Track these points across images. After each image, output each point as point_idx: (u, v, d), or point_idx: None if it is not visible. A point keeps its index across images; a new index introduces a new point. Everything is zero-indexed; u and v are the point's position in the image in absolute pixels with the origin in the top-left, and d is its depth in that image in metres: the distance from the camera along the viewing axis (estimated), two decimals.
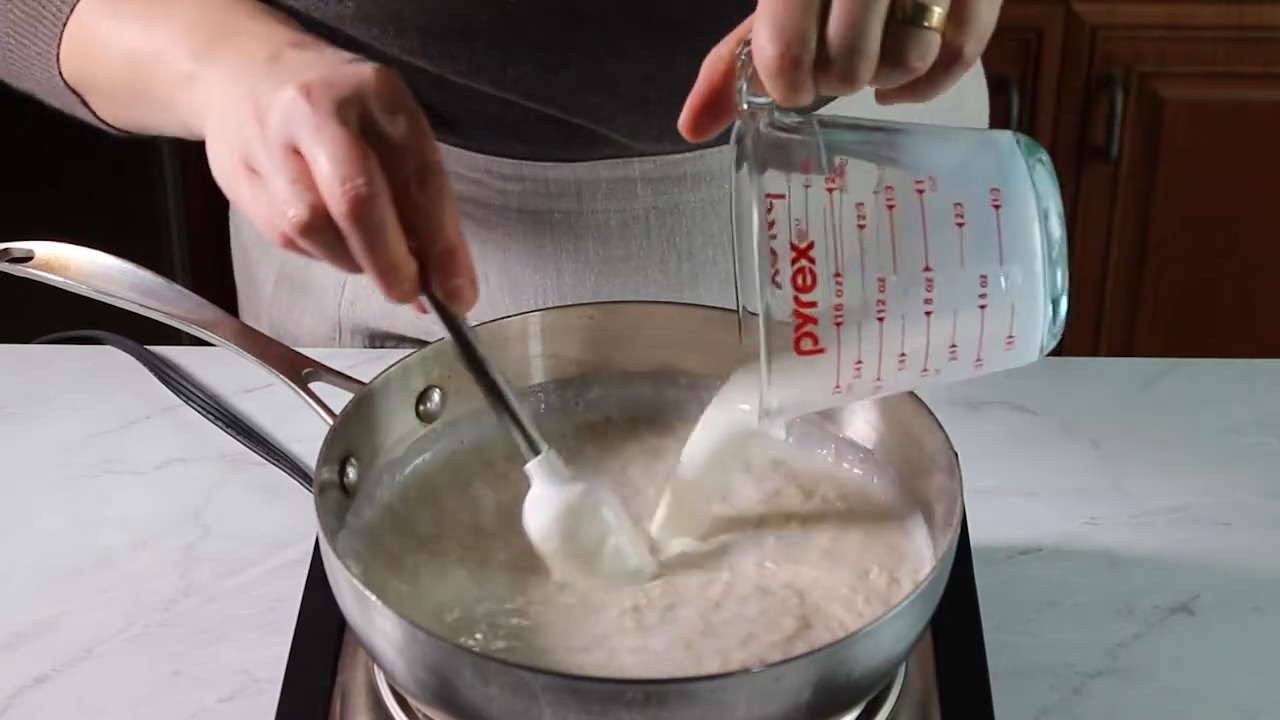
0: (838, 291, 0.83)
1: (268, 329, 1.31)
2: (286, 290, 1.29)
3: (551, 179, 1.17)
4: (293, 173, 0.89)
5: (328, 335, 1.27)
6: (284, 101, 0.90)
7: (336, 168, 0.87)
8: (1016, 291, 0.86)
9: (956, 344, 0.85)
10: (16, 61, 1.13)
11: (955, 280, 0.85)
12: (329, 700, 0.95)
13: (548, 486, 0.92)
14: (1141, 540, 1.09)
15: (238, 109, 0.93)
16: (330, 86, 0.90)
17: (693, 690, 0.83)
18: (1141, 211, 2.18)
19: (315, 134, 0.89)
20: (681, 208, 1.17)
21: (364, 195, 0.87)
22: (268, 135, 0.90)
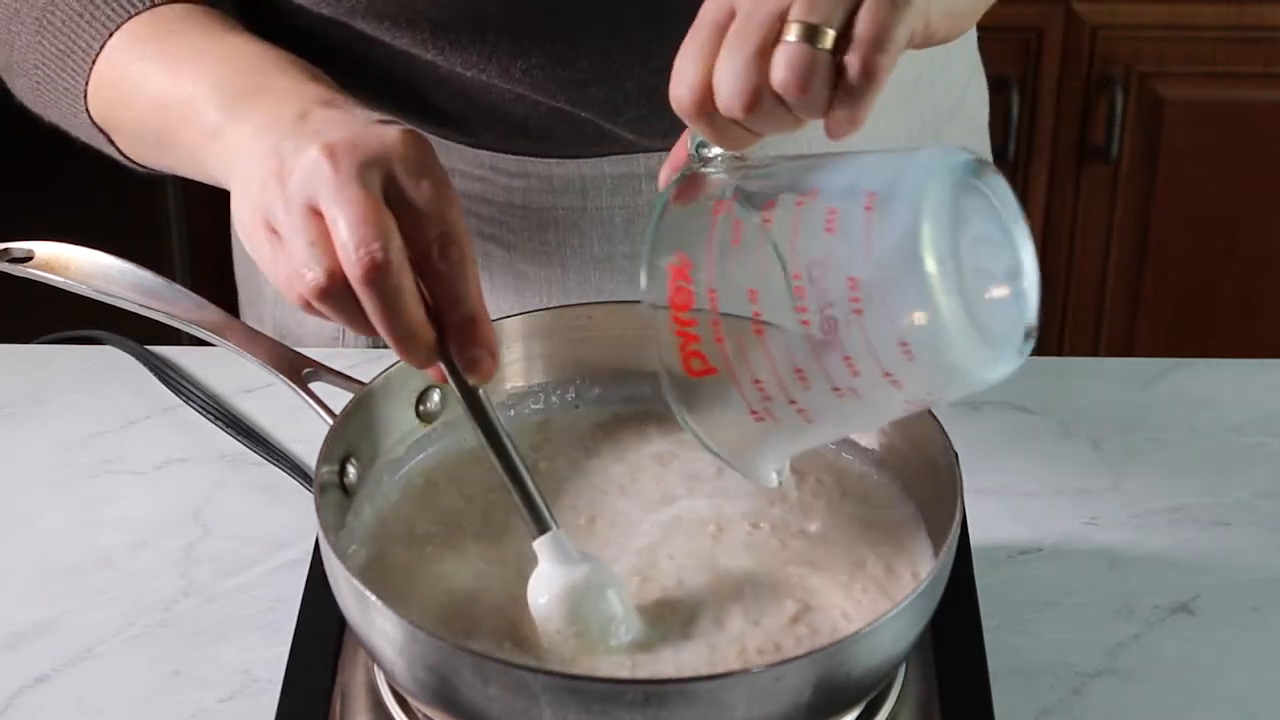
0: (712, 305, 0.82)
1: (271, 329, 1.31)
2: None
3: (556, 176, 1.17)
4: (312, 235, 0.88)
5: (332, 335, 1.27)
6: (307, 162, 0.89)
7: (354, 232, 0.86)
8: (898, 297, 0.80)
9: (849, 355, 0.81)
10: (45, 94, 1.12)
11: (826, 285, 0.81)
12: (329, 700, 0.95)
13: (554, 565, 0.91)
14: (1141, 540, 1.09)
15: (262, 167, 0.92)
16: (354, 149, 0.89)
17: (693, 690, 0.83)
18: (1141, 211, 2.18)
19: (335, 196, 0.87)
20: None
21: (380, 261, 0.86)
22: (289, 195, 0.89)
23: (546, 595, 0.90)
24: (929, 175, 0.80)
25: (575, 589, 0.90)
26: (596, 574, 0.90)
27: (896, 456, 0.99)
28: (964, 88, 1.30)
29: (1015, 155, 2.14)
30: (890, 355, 0.80)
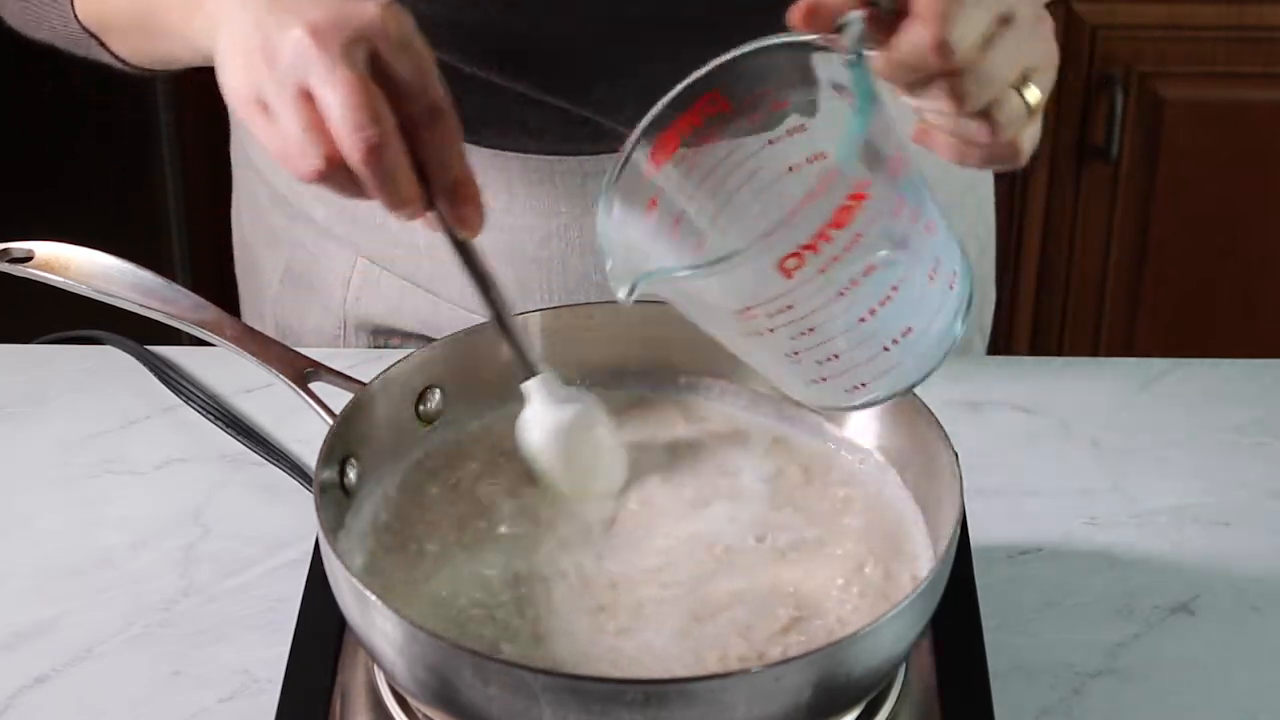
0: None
1: (272, 326, 1.31)
2: (291, 287, 1.29)
3: (558, 173, 1.17)
4: (305, 120, 0.90)
5: (333, 331, 1.27)
6: (293, 42, 0.91)
7: (349, 115, 0.89)
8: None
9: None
10: (32, 9, 1.14)
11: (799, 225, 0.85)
12: (329, 700, 0.95)
13: (544, 406, 0.95)
14: (1141, 540, 1.09)
15: (245, 40, 0.93)
16: (338, 27, 0.91)
17: (693, 690, 0.83)
18: (1141, 211, 2.17)
19: (326, 78, 0.90)
20: None
21: (377, 143, 0.89)
22: (278, 76, 0.91)
23: (538, 432, 0.95)
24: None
25: (565, 426, 0.94)
26: (586, 412, 0.95)
27: (896, 456, 0.99)
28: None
29: None
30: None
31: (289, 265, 1.29)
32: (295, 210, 1.27)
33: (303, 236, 1.27)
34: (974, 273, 1.34)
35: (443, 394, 1.01)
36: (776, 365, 0.90)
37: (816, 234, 0.83)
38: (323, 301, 1.27)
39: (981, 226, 1.35)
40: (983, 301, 1.37)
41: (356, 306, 1.26)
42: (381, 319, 1.26)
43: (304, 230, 1.27)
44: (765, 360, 0.90)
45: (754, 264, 0.83)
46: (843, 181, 0.83)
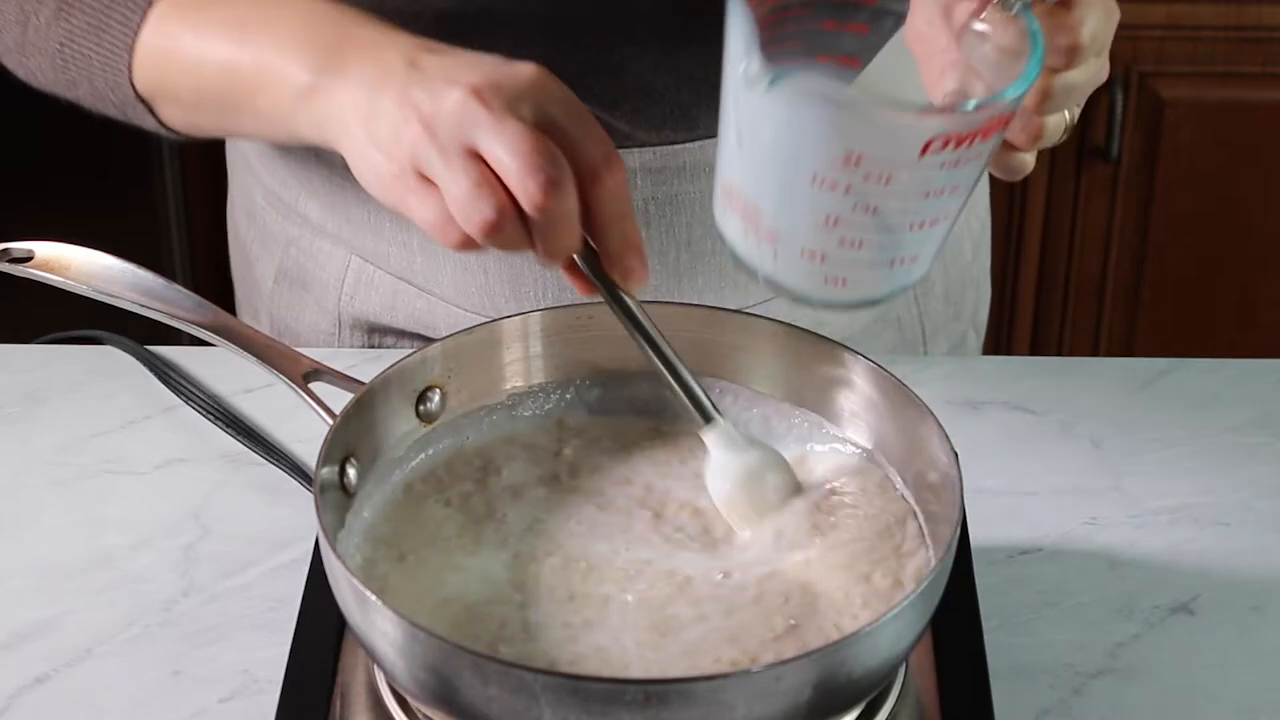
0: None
1: (268, 326, 1.31)
2: (286, 286, 1.29)
3: None
4: (476, 176, 0.90)
5: (329, 330, 1.27)
6: (453, 105, 0.90)
7: (525, 161, 0.89)
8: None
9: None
10: (72, 70, 1.12)
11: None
12: (329, 700, 0.95)
13: (726, 453, 0.96)
14: (1141, 540, 1.09)
15: (390, 117, 0.92)
16: (499, 87, 0.91)
17: (693, 690, 0.83)
18: (1141, 211, 2.17)
19: (495, 133, 0.89)
20: (680, 199, 1.17)
21: (557, 182, 0.89)
22: (441, 142, 0.90)
23: (729, 482, 0.96)
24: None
25: (752, 473, 0.96)
26: (767, 456, 0.96)
27: (896, 456, 0.99)
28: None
29: None
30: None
31: (283, 265, 1.29)
32: (289, 209, 1.27)
33: (297, 235, 1.27)
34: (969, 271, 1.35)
35: (443, 394, 1.01)
36: (797, 221, 0.87)
37: (972, 132, 0.84)
38: (318, 300, 1.27)
39: (976, 223, 1.35)
40: (978, 299, 1.37)
41: (351, 305, 1.26)
42: (376, 317, 1.26)
43: (298, 229, 1.27)
44: (789, 211, 0.88)
45: (909, 124, 0.83)
46: (1003, 104, 0.84)
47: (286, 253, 1.28)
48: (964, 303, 1.35)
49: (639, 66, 1.13)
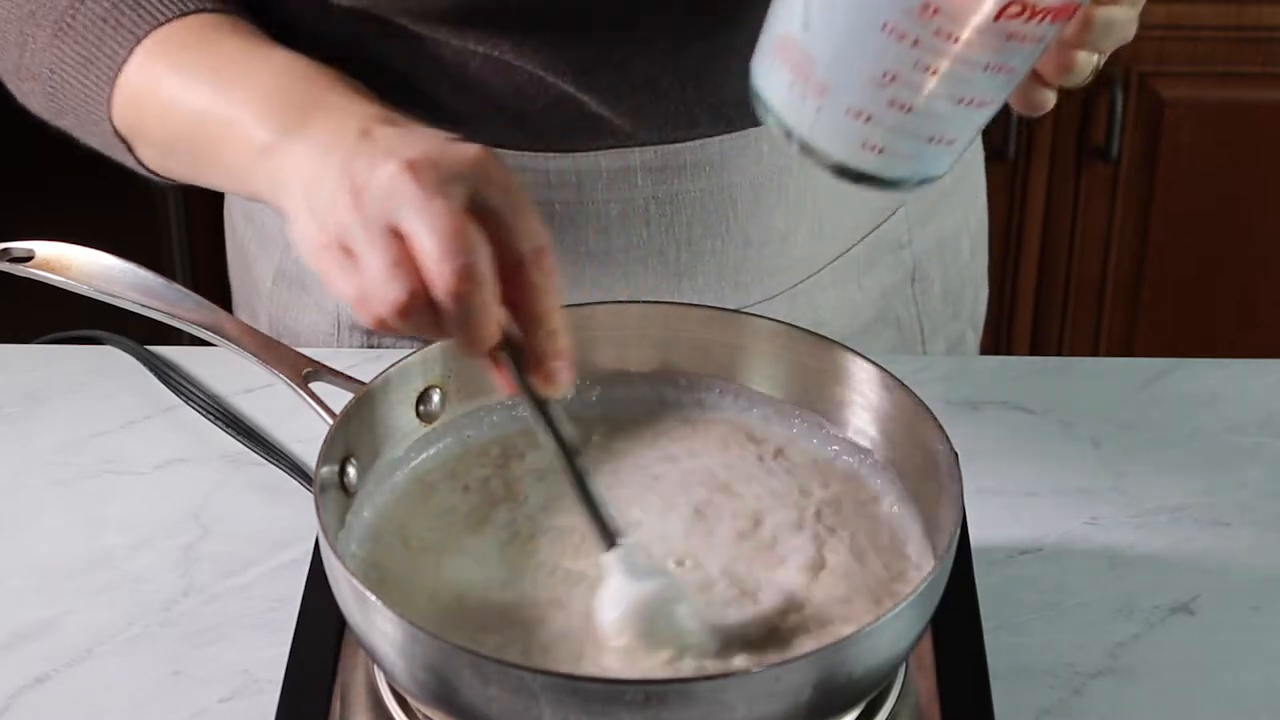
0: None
1: (266, 326, 1.31)
2: (285, 288, 1.29)
3: (552, 170, 1.17)
4: (393, 255, 0.87)
5: (327, 331, 1.27)
6: (385, 179, 0.88)
7: (443, 245, 0.85)
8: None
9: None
10: (60, 100, 1.11)
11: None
12: (329, 700, 0.95)
13: (625, 579, 0.89)
14: (1141, 540, 1.09)
15: (329, 185, 0.90)
16: (435, 165, 0.88)
17: (693, 690, 0.83)
18: (1141, 211, 2.18)
19: (420, 212, 0.86)
20: (681, 197, 1.17)
21: (471, 273, 0.85)
22: (367, 214, 0.88)
23: (619, 610, 0.89)
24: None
25: (648, 604, 0.89)
26: (669, 589, 0.90)
27: (896, 457, 0.99)
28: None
29: (1015, 155, 2.15)
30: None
31: (282, 265, 1.29)
32: None
33: None
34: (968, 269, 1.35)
35: (443, 394, 1.01)
36: (853, 73, 0.86)
37: (1046, 8, 0.84)
38: (317, 301, 1.27)
39: (974, 221, 1.35)
40: (976, 298, 1.37)
41: (350, 307, 1.26)
42: None
43: None
44: (848, 61, 0.86)
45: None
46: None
47: (286, 253, 1.28)
48: (962, 301, 1.35)
49: (644, 62, 1.13)
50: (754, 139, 1.16)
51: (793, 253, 1.21)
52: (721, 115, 1.15)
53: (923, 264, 1.30)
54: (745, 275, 1.20)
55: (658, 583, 0.89)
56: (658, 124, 1.15)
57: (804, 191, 1.19)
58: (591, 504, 0.90)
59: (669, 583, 0.90)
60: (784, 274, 1.21)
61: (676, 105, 1.14)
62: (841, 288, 1.25)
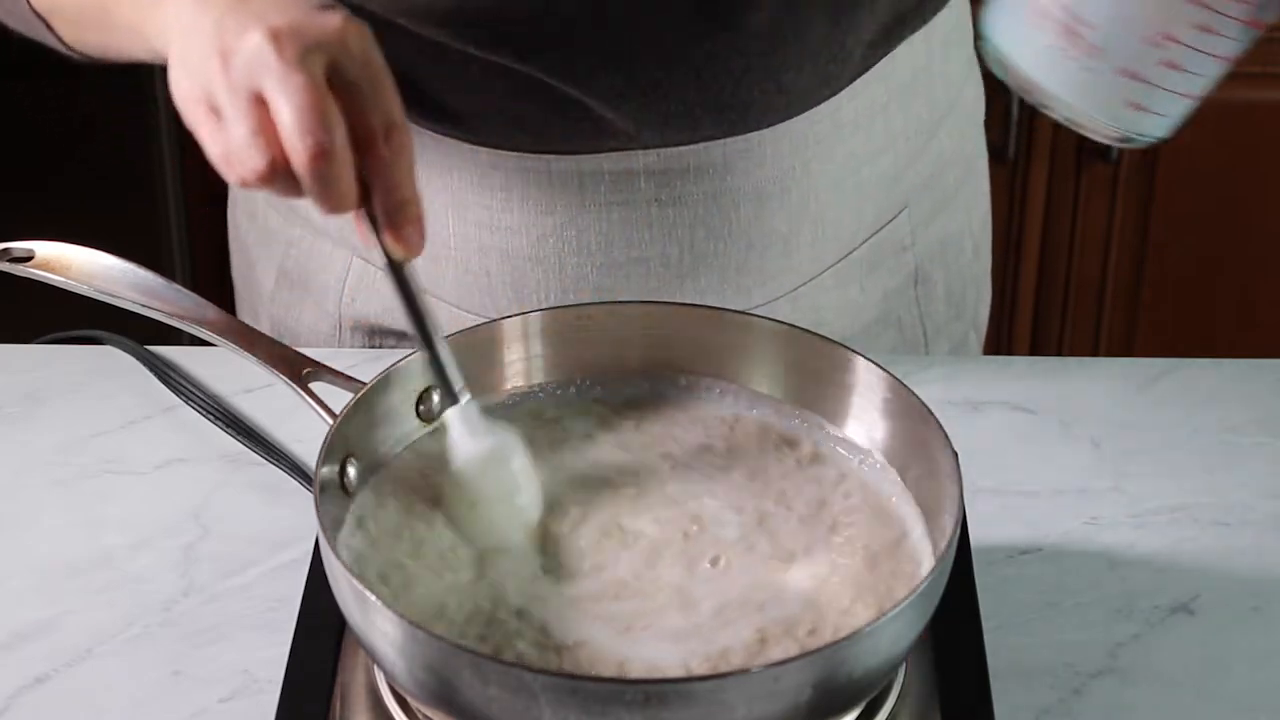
0: None
1: (268, 327, 1.31)
2: (287, 288, 1.29)
3: (555, 172, 1.17)
4: (255, 123, 0.91)
5: (329, 332, 1.27)
6: (250, 47, 0.91)
7: (300, 120, 0.89)
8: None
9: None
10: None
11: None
12: (329, 700, 0.95)
13: (462, 436, 0.95)
14: (1141, 540, 1.09)
15: (201, 43, 0.93)
16: (298, 34, 0.91)
17: (692, 690, 0.83)
18: (1141, 212, 2.18)
19: (280, 83, 0.90)
20: (684, 200, 1.17)
21: (326, 149, 0.90)
22: (232, 79, 0.92)
23: (456, 463, 0.95)
24: None
25: (479, 459, 0.94)
26: (502, 447, 0.95)
27: (896, 457, 0.99)
28: (960, 86, 1.30)
29: (1015, 155, 2.15)
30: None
31: (284, 265, 1.29)
32: (290, 210, 1.27)
33: (298, 237, 1.27)
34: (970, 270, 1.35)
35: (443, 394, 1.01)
36: (1131, 36, 0.89)
37: None
38: (318, 301, 1.27)
39: (977, 223, 1.35)
40: (978, 299, 1.37)
41: (352, 307, 1.26)
42: (378, 319, 1.26)
43: (299, 230, 1.27)
44: (1128, 25, 0.89)
45: None
46: None
47: (287, 253, 1.28)
48: (965, 303, 1.35)
49: (648, 64, 1.13)
50: (756, 142, 1.17)
51: (795, 255, 1.21)
52: (724, 118, 1.15)
53: (925, 266, 1.30)
54: (747, 278, 1.20)
55: (493, 440, 0.95)
56: (659, 125, 1.15)
57: (806, 195, 1.19)
58: (438, 363, 0.95)
59: (503, 440, 0.95)
60: (786, 276, 1.21)
61: (679, 107, 1.14)
62: (843, 290, 1.25)
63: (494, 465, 0.95)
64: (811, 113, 1.17)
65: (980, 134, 1.36)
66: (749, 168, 1.17)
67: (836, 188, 1.20)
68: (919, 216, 1.28)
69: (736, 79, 1.14)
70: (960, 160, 1.31)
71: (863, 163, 1.21)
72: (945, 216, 1.31)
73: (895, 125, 1.23)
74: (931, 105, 1.26)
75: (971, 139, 1.34)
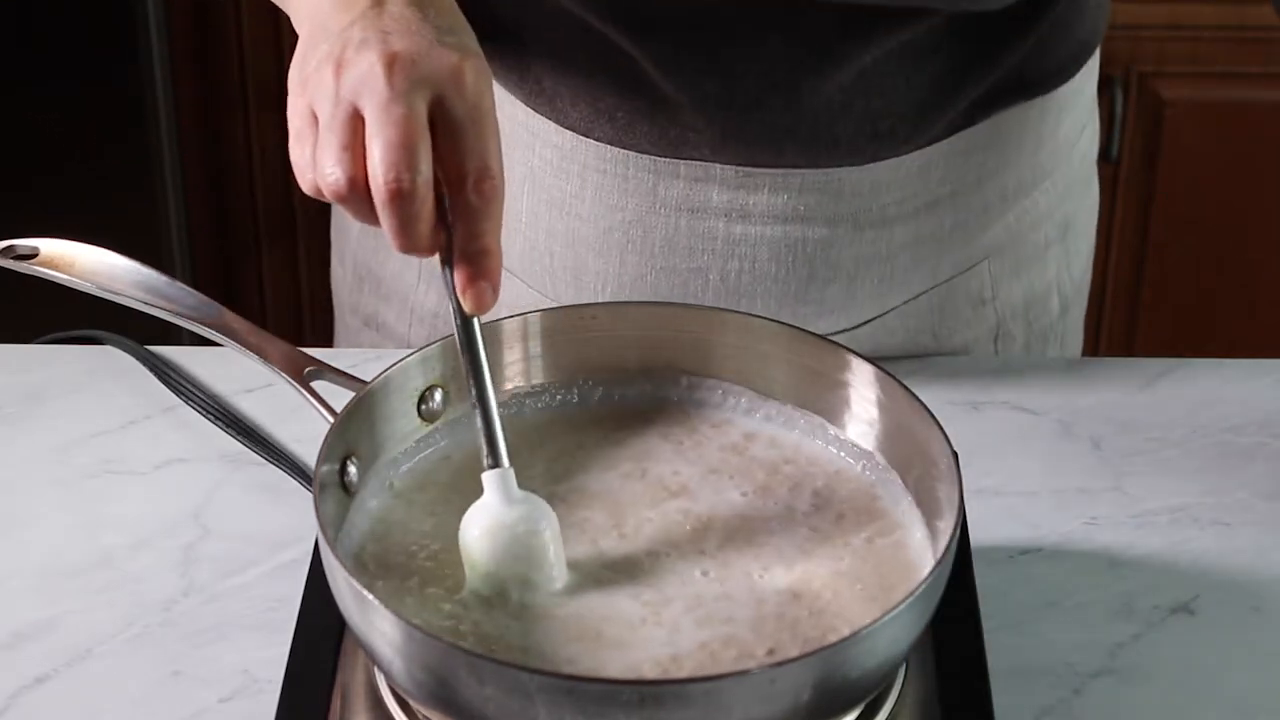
0: None
1: (351, 270, 1.31)
2: (372, 231, 1.29)
3: (632, 169, 1.16)
4: (345, 139, 0.90)
5: (412, 279, 1.27)
6: (364, 65, 0.90)
7: (388, 153, 0.89)
8: None
9: None
10: None
11: None
12: (329, 700, 0.95)
13: (496, 500, 0.93)
14: (1141, 540, 1.09)
15: (323, 46, 0.93)
16: (412, 65, 0.90)
17: (689, 691, 0.83)
18: (1142, 212, 2.17)
19: (381, 110, 0.89)
20: (753, 219, 1.16)
21: (405, 191, 0.89)
22: (339, 92, 0.91)
23: (478, 529, 0.92)
24: None
25: (507, 527, 0.92)
26: (534, 517, 0.93)
27: (896, 457, 0.99)
28: (1069, 150, 1.26)
29: None
30: None
31: None
32: None
33: None
34: (1053, 329, 1.28)
35: (444, 394, 1.01)
36: None
37: None
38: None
39: (1068, 279, 1.30)
40: (1060, 353, 1.32)
41: (432, 260, 1.25)
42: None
43: None
44: None
45: None
46: None
47: None
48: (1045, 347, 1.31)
49: (752, 80, 1.12)
50: (837, 179, 1.15)
51: (859, 294, 1.19)
52: (810, 150, 1.14)
53: (1006, 321, 1.27)
54: (806, 308, 1.18)
55: (524, 509, 0.93)
56: (746, 145, 1.14)
57: (880, 238, 1.18)
58: (489, 424, 0.93)
59: (535, 510, 0.93)
60: (845, 313, 1.20)
61: (769, 131, 1.13)
62: (911, 335, 1.23)
63: (524, 533, 0.92)
64: (901, 159, 1.16)
65: (1090, 196, 1.32)
66: (824, 201, 1.16)
67: (914, 235, 1.18)
68: (1000, 269, 1.25)
69: (833, 115, 1.13)
70: (1057, 220, 1.27)
71: (947, 214, 1.19)
72: (1033, 273, 1.27)
73: (990, 183, 1.21)
74: (1035, 168, 1.23)
75: (1075, 198, 1.29)
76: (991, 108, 1.18)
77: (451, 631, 0.90)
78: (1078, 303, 1.33)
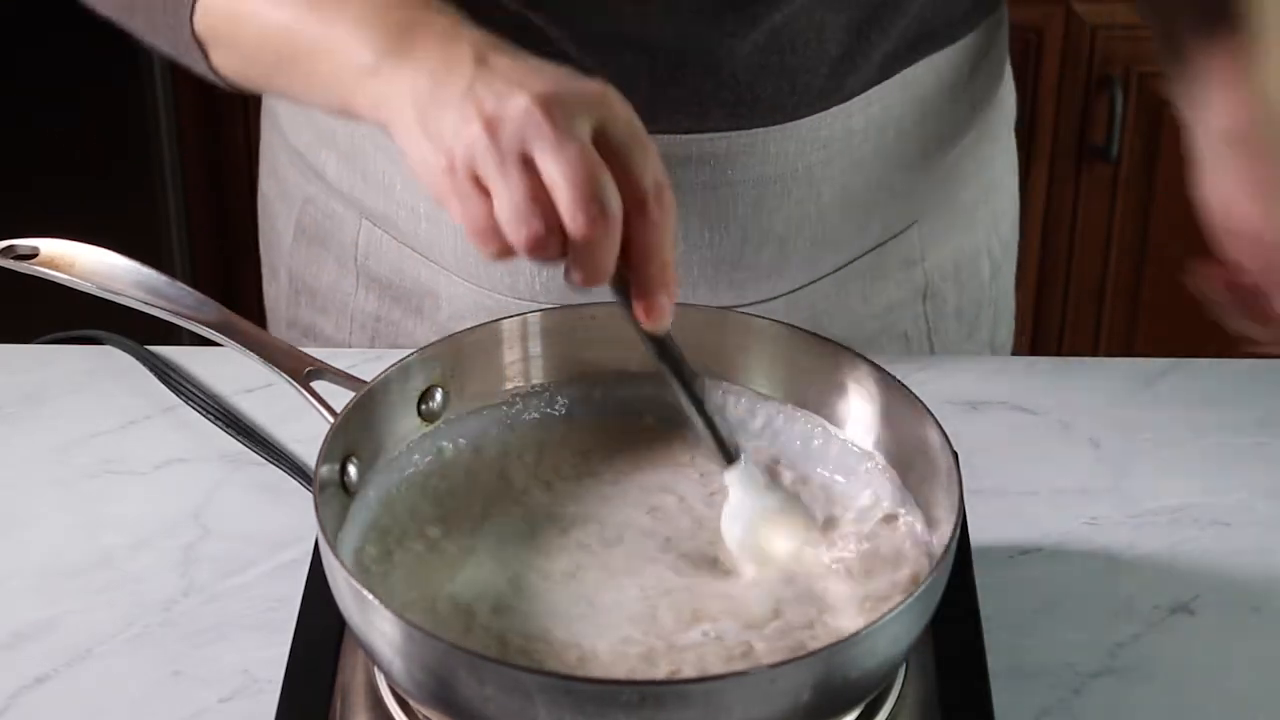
0: None
1: (286, 283, 1.31)
2: (304, 243, 1.29)
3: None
4: (528, 190, 0.89)
5: (348, 289, 1.27)
6: (518, 113, 0.89)
7: (578, 190, 0.88)
8: None
9: None
10: (145, 17, 1.10)
11: None
12: (329, 700, 0.95)
13: (745, 494, 0.95)
14: (1141, 540, 1.09)
15: (452, 111, 0.91)
16: (565, 101, 0.90)
17: (689, 691, 0.83)
18: (1141, 211, 2.17)
19: (555, 151, 0.88)
20: (681, 187, 1.14)
21: (606, 218, 0.88)
22: (501, 145, 0.89)
23: (740, 524, 0.95)
24: None
25: (766, 517, 0.95)
26: (784, 502, 0.96)
27: (896, 457, 0.99)
28: (987, 107, 1.28)
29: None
30: None
31: (300, 221, 1.29)
32: (307, 166, 1.27)
33: (314, 194, 1.27)
34: (985, 292, 1.33)
35: (444, 394, 1.01)
36: None
37: None
38: (336, 258, 1.27)
39: (996, 241, 1.34)
40: (994, 320, 1.35)
41: (366, 265, 1.26)
42: (388, 278, 1.26)
43: (315, 187, 1.27)
44: None
45: None
46: None
47: (304, 210, 1.28)
48: (979, 323, 1.33)
49: (669, 45, 1.13)
50: (761, 139, 1.16)
51: (792, 257, 1.21)
52: (733, 112, 1.15)
53: (936, 283, 1.29)
54: (740, 273, 1.19)
55: (778, 496, 0.96)
56: (670, 111, 1.15)
57: (808, 199, 1.19)
58: (711, 424, 0.95)
59: (785, 497, 0.97)
60: (781, 277, 1.21)
61: (691, 95, 1.14)
62: (844, 298, 1.25)
63: (787, 516, 0.96)
64: (820, 115, 1.17)
65: (1009, 155, 1.35)
66: (751, 163, 1.17)
67: (841, 194, 1.20)
68: (930, 232, 1.27)
69: (752, 75, 1.14)
70: (981, 180, 1.30)
71: (871, 172, 1.21)
72: (960, 234, 1.30)
73: (909, 138, 1.22)
74: (953, 123, 1.25)
75: (997, 160, 1.32)
76: (902, 61, 1.19)
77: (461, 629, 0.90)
78: (1007, 265, 1.36)
